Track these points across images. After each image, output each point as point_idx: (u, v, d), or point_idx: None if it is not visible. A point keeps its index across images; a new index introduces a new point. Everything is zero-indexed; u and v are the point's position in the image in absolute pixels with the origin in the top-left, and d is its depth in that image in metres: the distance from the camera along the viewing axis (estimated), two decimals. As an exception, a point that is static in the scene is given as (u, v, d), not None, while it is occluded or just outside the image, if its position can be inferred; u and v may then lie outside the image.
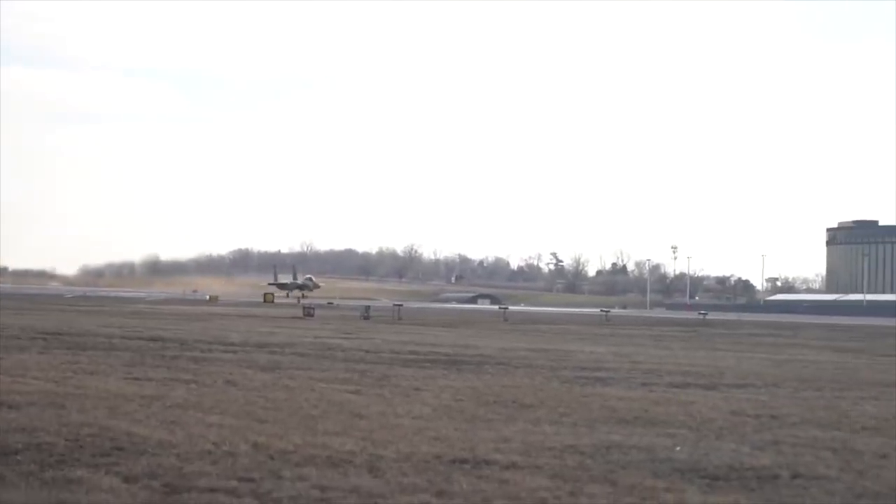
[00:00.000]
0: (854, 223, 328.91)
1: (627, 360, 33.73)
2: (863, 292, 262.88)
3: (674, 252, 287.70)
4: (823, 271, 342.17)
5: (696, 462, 13.20)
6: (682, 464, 13.07)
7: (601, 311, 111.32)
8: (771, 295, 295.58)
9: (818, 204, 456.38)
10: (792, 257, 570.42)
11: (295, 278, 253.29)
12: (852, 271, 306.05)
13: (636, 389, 23.38)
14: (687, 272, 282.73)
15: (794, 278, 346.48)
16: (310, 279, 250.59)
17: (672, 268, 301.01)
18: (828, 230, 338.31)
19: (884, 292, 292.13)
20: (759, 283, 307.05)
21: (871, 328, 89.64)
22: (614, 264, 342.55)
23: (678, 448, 14.26)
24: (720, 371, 29.74)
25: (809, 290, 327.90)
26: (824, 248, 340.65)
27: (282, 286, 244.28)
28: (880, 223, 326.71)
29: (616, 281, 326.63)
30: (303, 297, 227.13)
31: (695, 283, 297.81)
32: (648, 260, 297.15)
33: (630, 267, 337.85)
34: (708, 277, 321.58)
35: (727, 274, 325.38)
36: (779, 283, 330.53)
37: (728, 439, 15.23)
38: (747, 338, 60.06)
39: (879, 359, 40.05)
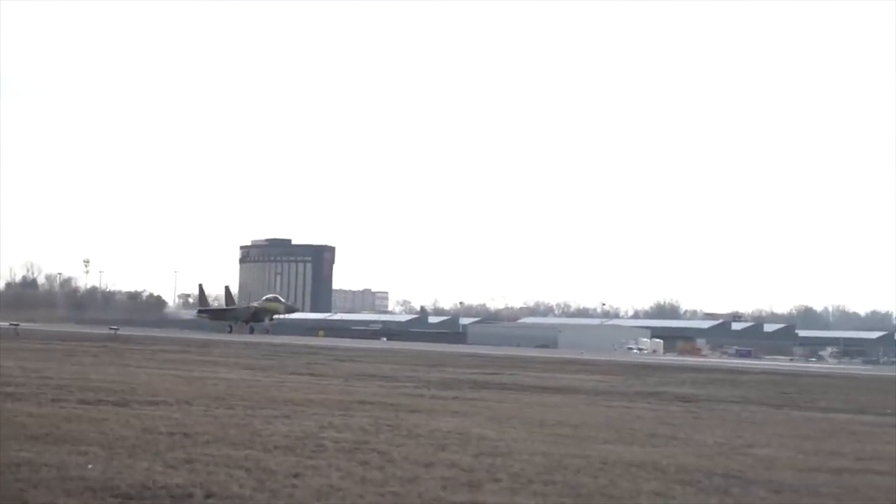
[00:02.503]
0: (267, 241, 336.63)
1: (37, 376, 32.75)
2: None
3: (86, 266, 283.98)
4: (235, 288, 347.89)
5: (108, 480, 12.93)
6: (95, 482, 12.78)
7: (10, 324, 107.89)
8: (185, 311, 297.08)
9: (234, 222, 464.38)
10: (207, 273, 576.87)
11: (230, 301, 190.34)
12: (265, 288, 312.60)
13: (46, 405, 22.73)
14: (99, 286, 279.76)
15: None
16: (275, 299, 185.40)
17: (84, 282, 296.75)
18: (241, 248, 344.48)
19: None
20: (171, 299, 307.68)
21: (279, 346, 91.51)
22: (24, 277, 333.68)
23: (90, 466, 13.94)
24: (132, 387, 29.38)
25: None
26: (238, 265, 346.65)
27: (217, 314, 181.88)
28: (293, 242, 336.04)
29: (26, 294, 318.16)
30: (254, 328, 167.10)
31: (107, 298, 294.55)
32: (60, 273, 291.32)
33: (41, 280, 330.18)
34: (120, 292, 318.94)
35: (140, 289, 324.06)
36: (191, 300, 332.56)
37: (141, 457, 15.01)
38: (160, 354, 59.78)
39: (289, 377, 40.86)
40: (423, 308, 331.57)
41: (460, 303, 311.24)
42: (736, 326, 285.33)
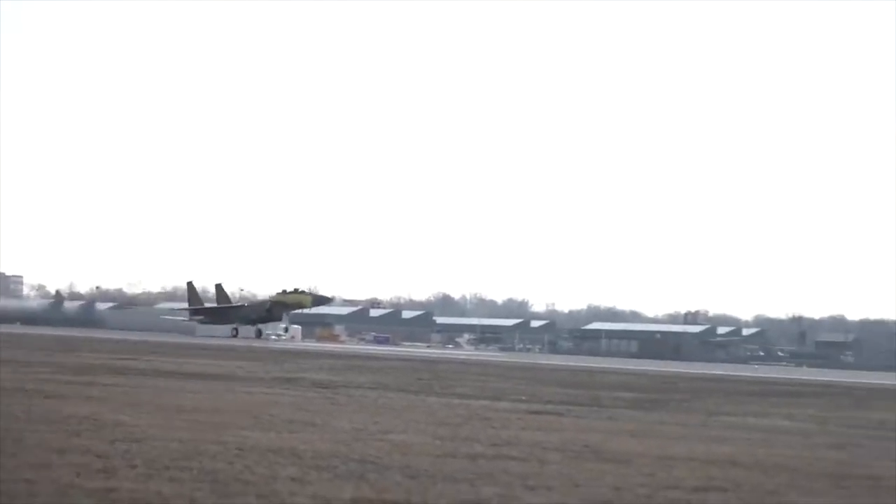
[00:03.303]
0: None
1: None
2: None
3: None
4: None
5: None
6: None
7: None
8: None
9: None
10: None
11: (223, 299, 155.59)
12: None
13: None
14: None
15: None
16: (297, 290, 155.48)
17: None
18: None
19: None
20: None
21: None
22: None
23: None
24: None
25: None
26: None
27: (219, 314, 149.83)
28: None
29: None
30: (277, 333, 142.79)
31: None
32: None
33: None
34: None
35: None
36: None
37: None
38: None
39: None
40: (58, 292, 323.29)
41: (97, 287, 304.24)
42: (374, 313, 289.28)
